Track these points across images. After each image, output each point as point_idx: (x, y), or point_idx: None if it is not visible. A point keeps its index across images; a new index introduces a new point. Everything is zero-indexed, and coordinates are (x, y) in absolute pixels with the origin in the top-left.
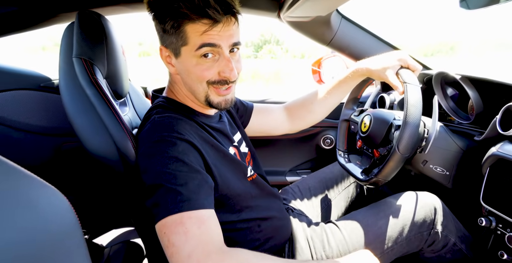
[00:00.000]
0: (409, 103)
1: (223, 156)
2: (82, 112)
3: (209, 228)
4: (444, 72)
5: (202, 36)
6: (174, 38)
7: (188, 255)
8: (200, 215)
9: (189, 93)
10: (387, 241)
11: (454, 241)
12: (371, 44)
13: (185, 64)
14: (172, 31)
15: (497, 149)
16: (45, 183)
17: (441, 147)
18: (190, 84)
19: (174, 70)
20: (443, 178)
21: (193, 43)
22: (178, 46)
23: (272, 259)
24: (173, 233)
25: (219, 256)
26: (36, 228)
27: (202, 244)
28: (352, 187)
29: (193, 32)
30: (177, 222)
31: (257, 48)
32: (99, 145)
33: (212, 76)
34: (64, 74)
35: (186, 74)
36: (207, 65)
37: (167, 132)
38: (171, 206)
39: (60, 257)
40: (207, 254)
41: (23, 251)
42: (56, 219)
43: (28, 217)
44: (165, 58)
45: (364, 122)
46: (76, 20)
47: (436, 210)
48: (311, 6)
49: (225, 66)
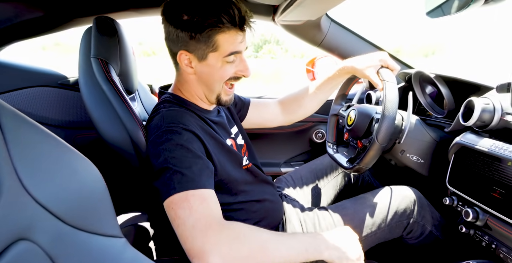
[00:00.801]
0: (387, 98)
1: (221, 146)
2: (99, 106)
3: (210, 204)
4: (421, 71)
5: (233, 45)
6: (203, 45)
7: (192, 226)
8: (202, 193)
9: (200, 91)
10: (371, 226)
11: (430, 230)
12: (357, 45)
13: (209, 67)
14: (202, 39)
15: (460, 138)
16: (83, 156)
17: (416, 138)
18: (209, 84)
19: (192, 71)
20: (419, 166)
21: (223, 50)
22: (207, 52)
23: (264, 231)
24: (179, 208)
25: (219, 227)
26: (77, 188)
27: (204, 217)
28: (341, 176)
29: (225, 41)
30: (183, 199)
31: (257, 48)
32: (114, 134)
33: (231, 74)
34: (83, 72)
35: (208, 75)
36: (229, 67)
37: (173, 123)
38: (178, 185)
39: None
40: (208, 225)
41: (71, 204)
42: (91, 184)
43: (73, 179)
44: (183, 60)
45: (350, 116)
46: (93, 25)
47: (415, 202)
48: (302, 11)
49: (244, 67)
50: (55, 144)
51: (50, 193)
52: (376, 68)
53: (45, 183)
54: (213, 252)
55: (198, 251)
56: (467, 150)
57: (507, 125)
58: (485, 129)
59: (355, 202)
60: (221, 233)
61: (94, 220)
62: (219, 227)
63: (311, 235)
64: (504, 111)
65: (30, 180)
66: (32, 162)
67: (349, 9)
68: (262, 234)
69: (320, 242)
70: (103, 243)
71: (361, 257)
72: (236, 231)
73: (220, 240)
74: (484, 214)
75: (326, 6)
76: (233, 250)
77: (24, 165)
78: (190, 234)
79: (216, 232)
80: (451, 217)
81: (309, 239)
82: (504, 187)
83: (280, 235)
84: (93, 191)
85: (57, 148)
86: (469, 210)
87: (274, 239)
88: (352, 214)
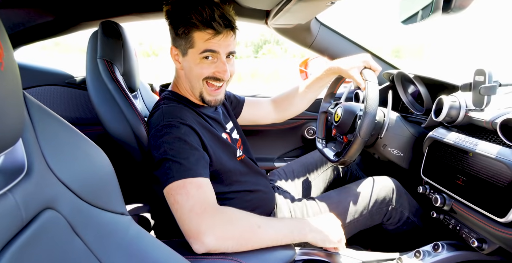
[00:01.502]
0: (368, 97)
1: (216, 139)
2: (105, 102)
3: (205, 191)
4: (402, 71)
5: (206, 43)
6: (184, 41)
7: (189, 210)
8: (198, 181)
9: (188, 87)
10: (354, 213)
11: (408, 215)
12: (345, 47)
13: (189, 63)
14: (182, 35)
15: (432, 133)
16: (95, 144)
17: (397, 133)
18: (190, 80)
19: (180, 66)
20: (400, 160)
21: (198, 47)
22: (186, 48)
23: (254, 215)
24: (177, 194)
25: (213, 210)
26: (91, 171)
27: (200, 202)
28: (330, 170)
29: (199, 38)
30: (180, 186)
31: (257, 48)
32: (118, 128)
33: (208, 73)
34: (90, 72)
35: (189, 71)
36: (206, 65)
37: (172, 118)
38: (176, 174)
39: (106, 197)
40: (203, 209)
41: (86, 183)
42: (102, 168)
43: (87, 163)
44: (174, 55)
45: (337, 113)
46: (99, 28)
47: (394, 190)
48: (291, 16)
49: (221, 68)
50: (73, 133)
51: (69, 173)
52: (359, 68)
53: (65, 165)
54: (207, 233)
55: (195, 232)
56: (438, 143)
57: (470, 121)
58: (453, 124)
59: (339, 192)
60: (215, 216)
61: (105, 198)
62: (213, 211)
63: (297, 220)
64: (468, 108)
65: (54, 162)
66: (55, 147)
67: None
68: (252, 218)
69: (305, 226)
70: (112, 219)
71: (342, 240)
72: (229, 214)
73: (214, 222)
74: (450, 200)
75: (313, 12)
76: (226, 231)
77: (49, 150)
78: (187, 217)
79: (210, 215)
80: (426, 205)
81: (295, 223)
82: (466, 175)
83: (269, 219)
84: (104, 174)
85: (74, 136)
86: (438, 197)
87: (264, 223)
88: (337, 203)
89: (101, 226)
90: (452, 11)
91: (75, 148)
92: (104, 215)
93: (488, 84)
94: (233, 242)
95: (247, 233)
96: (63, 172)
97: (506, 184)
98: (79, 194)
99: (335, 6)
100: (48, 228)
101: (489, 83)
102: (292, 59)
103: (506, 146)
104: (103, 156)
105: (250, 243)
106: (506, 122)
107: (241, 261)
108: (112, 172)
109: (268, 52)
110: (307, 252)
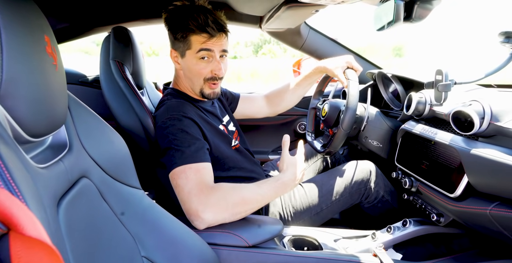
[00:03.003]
0: (350, 94)
1: (214, 130)
2: (117, 98)
3: (202, 174)
4: (382, 71)
5: (202, 44)
6: (182, 44)
7: (188, 192)
8: (197, 166)
9: (188, 85)
10: (335, 194)
11: (383, 194)
12: (332, 48)
13: (188, 63)
14: (181, 39)
15: (404, 125)
16: (114, 130)
17: (376, 127)
18: (190, 78)
19: (179, 67)
20: (379, 150)
21: (194, 48)
22: (184, 50)
23: (242, 187)
24: (179, 178)
25: (208, 190)
26: (112, 151)
27: (197, 184)
28: (319, 161)
29: (196, 41)
30: (181, 171)
31: (257, 48)
32: (128, 121)
33: (207, 74)
34: (104, 72)
35: (188, 71)
36: (203, 65)
37: (175, 112)
38: (178, 161)
39: (124, 173)
40: (200, 190)
41: (109, 161)
42: (121, 149)
43: (110, 144)
44: (173, 57)
45: (324, 109)
46: (111, 33)
47: (371, 172)
48: (282, 21)
49: (216, 66)
50: (99, 121)
51: (97, 152)
52: (343, 68)
53: (94, 145)
54: (205, 210)
55: (194, 210)
56: (408, 134)
57: (434, 114)
58: (420, 117)
59: (323, 176)
60: (210, 195)
61: (123, 174)
62: (208, 190)
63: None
64: (431, 103)
65: (86, 142)
66: (86, 131)
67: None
68: (241, 190)
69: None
70: (129, 191)
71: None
72: (222, 191)
73: (210, 200)
74: (416, 182)
75: (300, 18)
76: (220, 206)
77: (82, 133)
78: (187, 198)
79: (206, 195)
80: (398, 188)
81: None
82: (429, 160)
83: (256, 186)
84: (122, 154)
85: (100, 124)
86: (407, 180)
87: (251, 192)
88: (320, 185)
89: (122, 196)
90: (414, 20)
91: (101, 133)
92: (123, 188)
93: (444, 82)
94: (228, 214)
95: (239, 204)
96: (92, 151)
97: (456, 166)
98: (104, 169)
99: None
100: (85, 191)
101: (445, 81)
102: (291, 58)
103: (457, 134)
104: (121, 141)
105: (243, 213)
106: (456, 114)
107: (237, 234)
108: (128, 154)
109: (268, 51)
110: (294, 229)
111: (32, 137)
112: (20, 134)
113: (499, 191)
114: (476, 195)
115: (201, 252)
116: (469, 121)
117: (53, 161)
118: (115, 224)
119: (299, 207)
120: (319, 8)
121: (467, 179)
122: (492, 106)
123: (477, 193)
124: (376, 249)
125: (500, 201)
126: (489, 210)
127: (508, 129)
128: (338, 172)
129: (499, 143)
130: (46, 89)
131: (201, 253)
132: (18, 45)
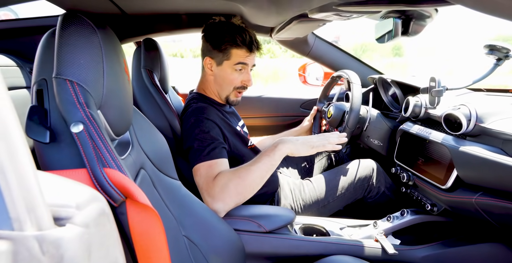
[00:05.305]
0: (354, 96)
1: (233, 131)
2: (147, 102)
3: (213, 169)
4: (382, 76)
5: (241, 58)
6: (222, 54)
7: (201, 188)
8: (210, 163)
9: (215, 90)
10: (340, 189)
11: (383, 190)
12: (336, 55)
13: (223, 72)
14: (222, 50)
15: (402, 126)
16: (158, 130)
17: (377, 127)
18: (221, 85)
19: (211, 73)
20: (380, 148)
21: (233, 60)
22: (222, 60)
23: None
24: (196, 175)
25: (213, 183)
26: (158, 148)
27: (205, 179)
28: (325, 159)
29: (236, 54)
30: (197, 168)
31: None
32: (158, 122)
33: (237, 83)
34: (136, 79)
35: (221, 78)
36: (236, 75)
37: (200, 114)
38: (198, 158)
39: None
40: (207, 184)
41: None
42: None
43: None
44: (207, 64)
45: (330, 111)
46: (142, 45)
47: (373, 169)
48: (292, 32)
49: (247, 78)
50: (147, 122)
51: (148, 148)
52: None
53: (146, 143)
54: (213, 202)
55: (210, 202)
56: (406, 133)
57: (429, 116)
58: (417, 118)
59: (330, 173)
60: (213, 186)
61: (166, 167)
62: (213, 183)
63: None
64: (427, 106)
65: (141, 141)
66: (140, 131)
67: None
68: (239, 175)
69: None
70: (170, 182)
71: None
72: (223, 181)
73: (214, 191)
74: (413, 177)
75: (308, 30)
76: (225, 194)
77: (138, 132)
78: (201, 193)
79: (210, 187)
80: (397, 182)
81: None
82: (424, 157)
83: (252, 167)
84: (165, 150)
85: (148, 124)
86: (405, 175)
87: (248, 174)
88: (328, 181)
89: (165, 185)
90: (410, 35)
91: (149, 132)
92: (166, 179)
93: (437, 89)
94: (236, 198)
95: (242, 188)
96: (145, 147)
97: (447, 162)
98: (153, 162)
99: None
100: (144, 180)
101: (438, 87)
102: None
103: (449, 134)
104: (163, 139)
105: (249, 192)
106: (447, 117)
107: (256, 221)
108: (169, 150)
109: (268, 51)
110: (304, 218)
111: (116, 136)
112: (111, 133)
113: (483, 183)
114: (464, 187)
115: (228, 235)
116: (458, 122)
117: (126, 154)
118: (164, 209)
119: (308, 200)
120: (327, 22)
121: (457, 173)
122: (477, 109)
123: (465, 184)
124: (377, 236)
125: (483, 191)
126: (475, 199)
127: (491, 130)
128: (343, 169)
129: (483, 141)
130: (126, 100)
131: (228, 235)
132: (111, 69)
